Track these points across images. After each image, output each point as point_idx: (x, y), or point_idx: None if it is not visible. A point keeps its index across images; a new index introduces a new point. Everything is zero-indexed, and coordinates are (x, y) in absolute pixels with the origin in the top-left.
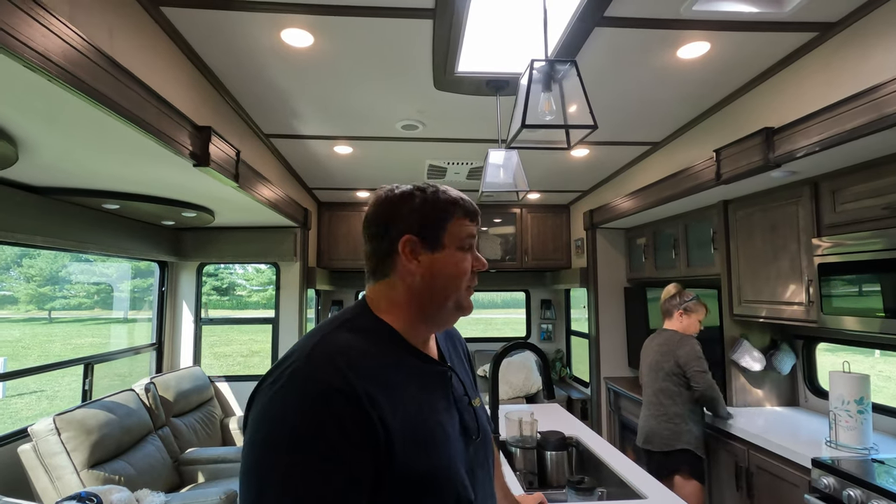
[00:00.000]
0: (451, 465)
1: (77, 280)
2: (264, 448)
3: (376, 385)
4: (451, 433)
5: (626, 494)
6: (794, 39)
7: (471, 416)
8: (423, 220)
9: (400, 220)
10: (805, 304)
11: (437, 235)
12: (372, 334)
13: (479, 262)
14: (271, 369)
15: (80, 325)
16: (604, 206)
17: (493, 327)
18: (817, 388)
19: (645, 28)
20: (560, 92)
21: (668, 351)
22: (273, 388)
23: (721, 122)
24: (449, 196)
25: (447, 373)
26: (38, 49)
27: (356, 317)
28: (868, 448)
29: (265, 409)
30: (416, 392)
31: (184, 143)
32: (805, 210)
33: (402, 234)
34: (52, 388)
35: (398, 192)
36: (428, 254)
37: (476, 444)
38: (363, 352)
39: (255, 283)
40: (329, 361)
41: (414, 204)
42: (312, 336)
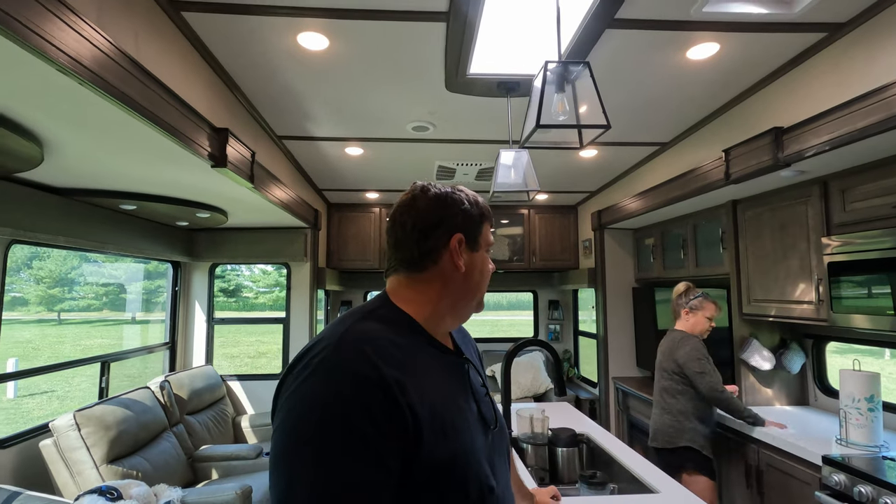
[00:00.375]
0: (474, 452)
1: (86, 282)
2: (294, 436)
3: (404, 372)
4: (471, 422)
5: (637, 490)
6: (804, 40)
7: (488, 407)
8: (471, 222)
9: (453, 217)
10: (815, 302)
11: (476, 237)
12: (395, 324)
13: (493, 265)
14: (299, 356)
15: (89, 327)
16: (612, 207)
17: (500, 329)
18: (827, 387)
19: (655, 30)
20: (573, 93)
21: (668, 350)
22: (302, 376)
23: (730, 123)
24: (483, 201)
25: (465, 364)
26: (70, 53)
27: (379, 307)
28: (879, 445)
29: (295, 397)
30: (438, 380)
31: (202, 145)
32: (814, 209)
33: (455, 232)
34: (63, 389)
35: (444, 192)
36: (469, 253)
37: (494, 434)
38: (390, 340)
39: (261, 284)
40: (358, 349)
41: (464, 206)
42: (340, 324)
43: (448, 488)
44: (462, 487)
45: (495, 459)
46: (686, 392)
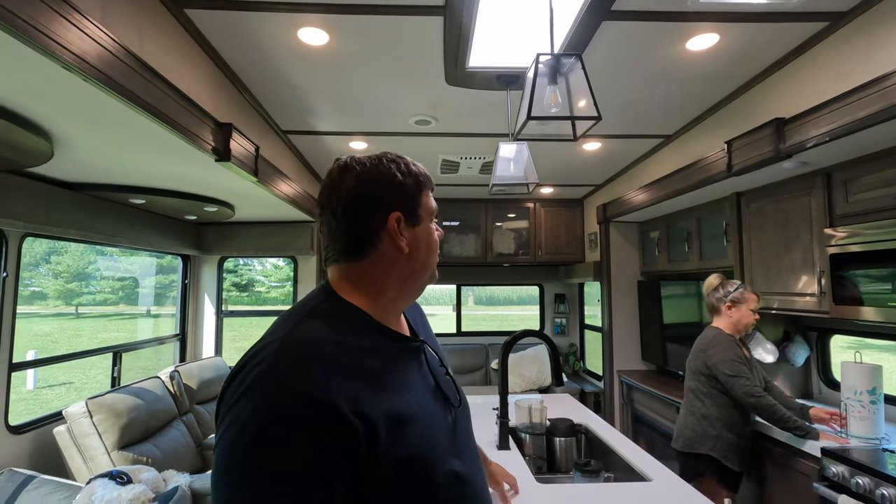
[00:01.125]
0: (436, 441)
1: (103, 276)
2: (231, 455)
3: (353, 376)
4: (432, 409)
5: (632, 478)
6: (805, 30)
7: (449, 386)
8: (406, 195)
9: (385, 195)
10: (817, 295)
11: (416, 210)
12: (342, 320)
13: (440, 232)
14: (239, 365)
15: (105, 320)
16: (617, 200)
17: (509, 323)
18: (831, 380)
19: (653, 21)
20: (566, 85)
21: (699, 349)
22: (238, 391)
23: (732, 114)
24: (418, 168)
25: (421, 346)
26: (74, 51)
27: (322, 301)
28: (880, 438)
29: (231, 414)
30: (393, 374)
31: (206, 139)
32: (817, 201)
33: (391, 211)
34: (80, 380)
35: (373, 164)
36: (410, 229)
37: (458, 412)
38: (335, 342)
39: (273, 279)
40: (298, 360)
41: (395, 178)
42: (281, 327)
43: (413, 484)
44: (427, 480)
45: (460, 439)
46: (714, 396)
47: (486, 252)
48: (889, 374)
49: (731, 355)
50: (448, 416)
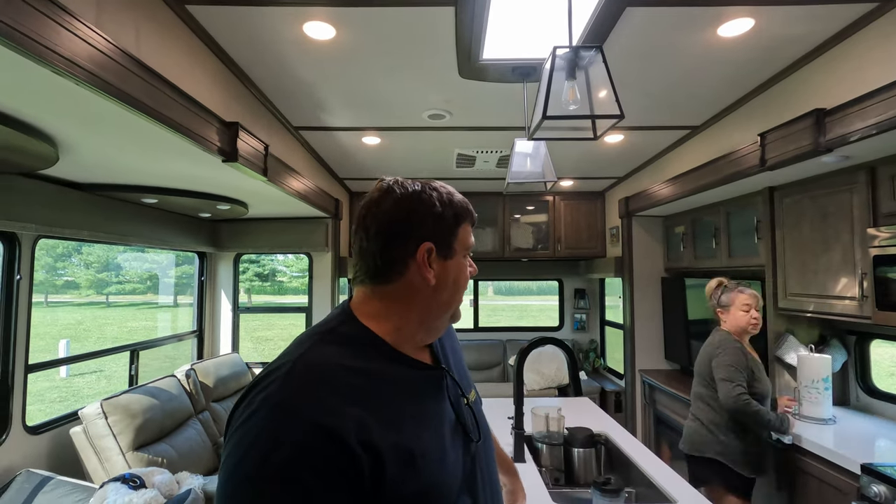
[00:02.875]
0: (448, 478)
1: (130, 267)
2: (236, 475)
3: (363, 405)
4: (447, 443)
5: (655, 497)
6: (850, 12)
7: (469, 418)
8: (442, 227)
9: (421, 223)
10: (858, 298)
11: (450, 243)
12: (358, 345)
13: (474, 269)
14: (250, 386)
15: (134, 309)
16: (640, 193)
17: (529, 314)
18: (870, 387)
19: (681, 6)
20: (586, 79)
21: (705, 353)
22: (248, 410)
23: (766, 104)
24: (460, 199)
25: (442, 376)
26: (64, 54)
27: (340, 325)
28: (828, 419)
29: (239, 433)
30: (408, 406)
31: (212, 140)
32: (860, 198)
33: (423, 240)
34: (111, 369)
35: (412, 191)
36: (441, 261)
37: (477, 446)
38: (348, 368)
39: (295, 269)
40: (306, 385)
41: (434, 207)
42: (295, 350)
43: None
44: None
45: (478, 474)
46: (718, 401)
47: (504, 246)
48: None
49: (730, 360)
50: (466, 450)
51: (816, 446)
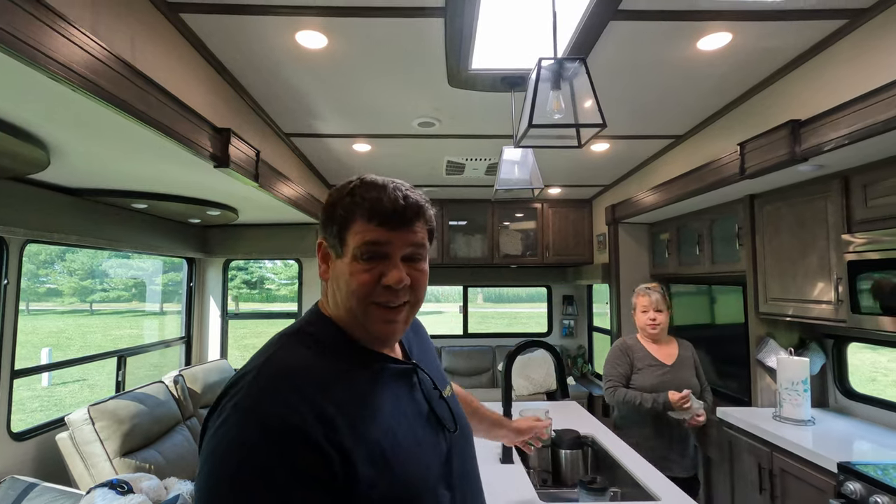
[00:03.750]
0: (424, 471)
1: (116, 274)
2: (210, 486)
3: (333, 406)
4: (421, 436)
5: (639, 495)
6: (822, 28)
7: (444, 409)
8: (331, 219)
9: (321, 221)
10: (834, 302)
11: (342, 238)
12: (324, 342)
13: (390, 276)
14: (221, 394)
15: (118, 317)
16: (626, 201)
17: (518, 321)
18: (848, 389)
19: (662, 20)
20: (570, 90)
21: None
22: (220, 419)
23: (745, 115)
24: (364, 192)
25: (412, 370)
26: (61, 60)
27: (307, 324)
28: (807, 420)
29: (213, 442)
30: (379, 401)
31: (204, 146)
32: (834, 205)
33: (320, 238)
34: (94, 377)
35: (339, 186)
36: (334, 260)
37: (454, 437)
38: (315, 368)
39: (283, 276)
40: (275, 389)
41: (327, 202)
42: (261, 354)
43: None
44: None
45: (455, 466)
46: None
47: (493, 253)
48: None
49: (609, 360)
50: (442, 441)
51: (796, 446)
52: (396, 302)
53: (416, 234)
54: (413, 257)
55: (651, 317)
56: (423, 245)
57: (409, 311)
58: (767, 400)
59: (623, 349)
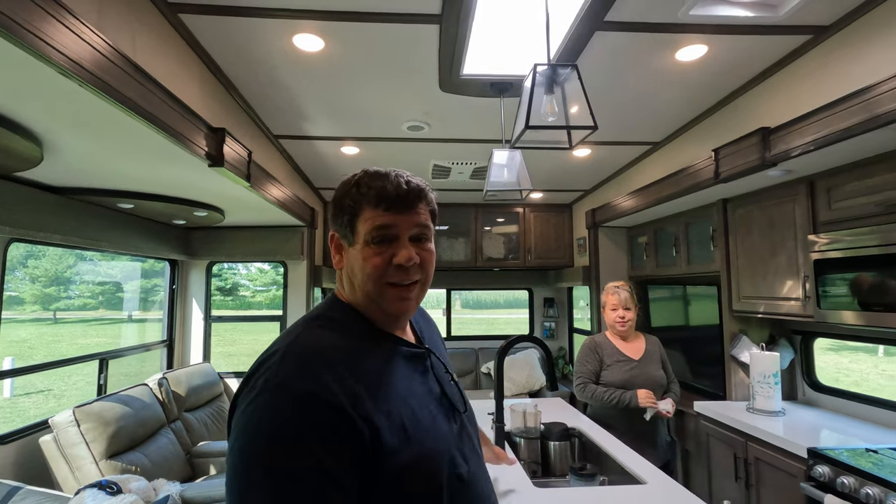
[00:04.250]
0: (439, 445)
1: (82, 280)
2: (244, 460)
3: (357, 381)
4: (435, 413)
5: (626, 481)
6: (789, 42)
7: (454, 391)
8: (342, 210)
9: (333, 209)
10: (801, 299)
11: (350, 230)
12: (344, 325)
13: (402, 255)
14: (249, 373)
15: (85, 326)
16: (606, 205)
17: (496, 327)
18: (815, 382)
19: (644, 32)
20: (562, 94)
21: None
22: (250, 396)
23: (719, 122)
24: (369, 182)
25: (426, 354)
26: (71, 56)
27: (326, 309)
28: (778, 411)
29: (244, 418)
30: (396, 379)
31: (200, 144)
32: (801, 208)
33: (332, 228)
34: (60, 388)
35: (345, 181)
36: (347, 249)
37: (463, 417)
38: (338, 347)
39: (258, 283)
40: (304, 365)
41: (336, 196)
42: (286, 336)
43: (417, 487)
44: (431, 483)
45: (465, 442)
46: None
47: (476, 256)
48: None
49: (579, 357)
50: (453, 421)
51: (769, 435)
52: (408, 280)
53: (420, 215)
54: (420, 237)
55: (620, 314)
56: (427, 226)
57: (420, 289)
58: (741, 394)
59: (592, 347)
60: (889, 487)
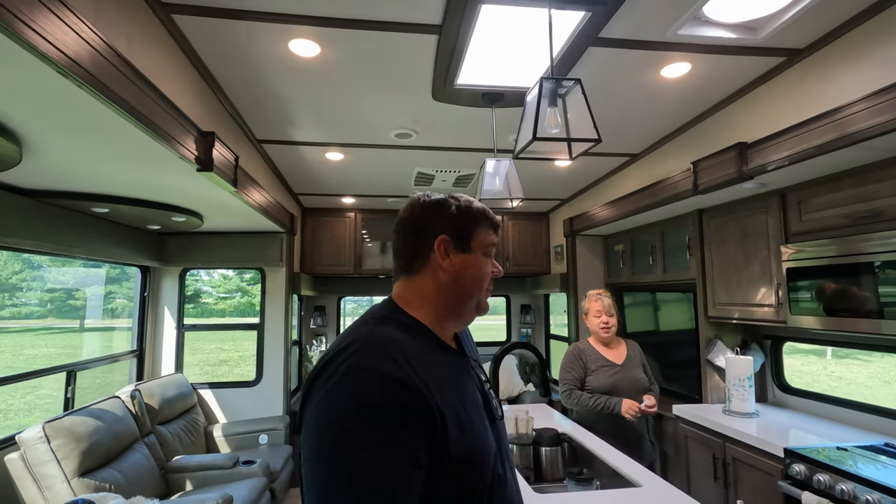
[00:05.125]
0: (487, 444)
1: (29, 287)
2: (329, 439)
3: (427, 374)
4: (482, 416)
5: (620, 484)
6: (766, 63)
7: (492, 399)
8: (457, 224)
9: (436, 221)
10: (774, 305)
11: (467, 239)
12: (409, 328)
13: (497, 269)
14: (325, 362)
15: (32, 335)
16: (583, 214)
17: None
18: (784, 384)
19: (635, 49)
20: (563, 107)
21: None
22: (332, 381)
23: (698, 137)
24: (478, 206)
25: (469, 361)
26: (69, 54)
27: (390, 312)
28: (752, 413)
29: (326, 401)
30: (452, 381)
31: (190, 148)
32: (774, 219)
33: (440, 233)
34: (6, 402)
35: (434, 199)
36: (459, 254)
37: (500, 424)
38: (409, 344)
39: (222, 290)
40: (386, 352)
41: (450, 210)
42: (360, 329)
43: (468, 480)
44: (479, 478)
45: (503, 448)
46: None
47: None
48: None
49: (563, 365)
50: (493, 426)
51: (746, 436)
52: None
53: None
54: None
55: (604, 321)
56: None
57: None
58: (716, 396)
59: (577, 354)
60: (860, 483)
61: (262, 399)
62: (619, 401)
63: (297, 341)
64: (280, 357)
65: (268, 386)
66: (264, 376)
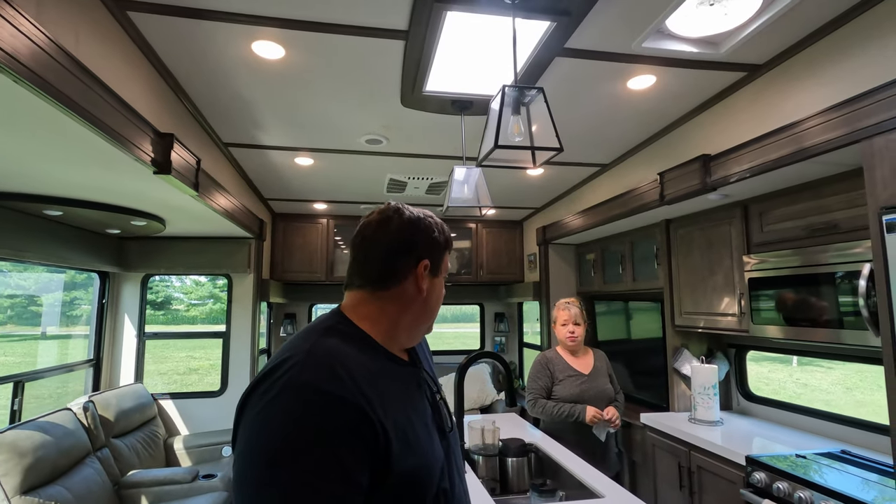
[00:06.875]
0: (431, 460)
1: None
2: (262, 458)
3: (371, 389)
4: (430, 430)
5: (585, 495)
6: (728, 77)
7: (444, 411)
8: (436, 249)
9: (423, 243)
10: (738, 315)
11: (438, 264)
12: (356, 341)
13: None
14: (263, 374)
15: None
16: (556, 223)
17: (444, 341)
18: (748, 392)
19: (600, 60)
20: (527, 115)
21: None
22: (269, 395)
23: (665, 148)
24: (447, 231)
25: (420, 373)
26: (6, 49)
27: (337, 324)
28: (716, 421)
29: (261, 417)
30: (399, 395)
31: (145, 150)
32: (736, 230)
33: (423, 258)
34: None
35: (419, 216)
36: (430, 278)
37: (450, 437)
38: (354, 358)
39: (193, 296)
40: (327, 367)
41: (433, 233)
42: (303, 341)
43: (411, 496)
44: (423, 493)
45: (452, 461)
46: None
47: None
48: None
49: (531, 374)
50: (442, 439)
51: (710, 444)
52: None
53: None
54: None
55: (570, 329)
56: None
57: None
58: (683, 405)
59: (544, 363)
60: (817, 490)
61: (227, 410)
62: (583, 408)
63: (265, 350)
64: (246, 366)
65: (233, 396)
66: (229, 386)
